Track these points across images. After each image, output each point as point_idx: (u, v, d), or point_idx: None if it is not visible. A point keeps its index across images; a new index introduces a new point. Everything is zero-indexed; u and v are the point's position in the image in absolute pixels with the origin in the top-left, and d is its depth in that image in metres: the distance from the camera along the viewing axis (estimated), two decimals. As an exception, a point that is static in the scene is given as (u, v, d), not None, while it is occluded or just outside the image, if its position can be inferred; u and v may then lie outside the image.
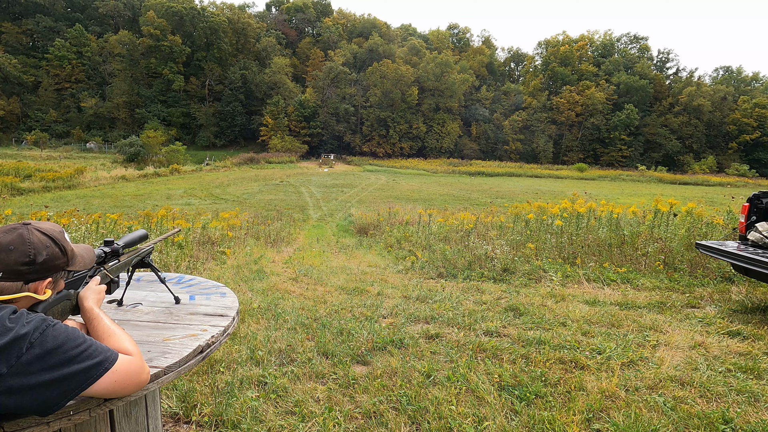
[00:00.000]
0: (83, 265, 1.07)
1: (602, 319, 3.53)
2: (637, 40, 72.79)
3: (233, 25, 62.96)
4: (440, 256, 6.13)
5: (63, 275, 1.04)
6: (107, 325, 1.02)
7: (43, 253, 0.95)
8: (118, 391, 0.90)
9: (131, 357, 0.94)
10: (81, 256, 1.07)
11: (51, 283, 0.99)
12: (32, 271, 0.93)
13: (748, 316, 3.58)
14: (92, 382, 0.86)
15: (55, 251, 0.98)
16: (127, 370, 0.91)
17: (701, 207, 6.97)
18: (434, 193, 24.85)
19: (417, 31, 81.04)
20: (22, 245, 0.93)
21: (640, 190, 30.93)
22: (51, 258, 0.97)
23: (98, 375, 0.87)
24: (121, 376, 0.90)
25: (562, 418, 2.08)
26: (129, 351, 0.96)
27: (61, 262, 1.00)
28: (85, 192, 21.33)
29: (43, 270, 0.96)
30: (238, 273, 5.56)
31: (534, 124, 63.33)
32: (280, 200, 20.32)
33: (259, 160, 43.57)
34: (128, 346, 0.97)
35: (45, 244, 0.96)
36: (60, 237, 1.01)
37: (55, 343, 0.84)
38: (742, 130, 60.37)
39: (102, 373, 0.87)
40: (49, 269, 0.97)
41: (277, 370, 2.61)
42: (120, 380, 0.89)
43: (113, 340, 0.98)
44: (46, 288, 0.98)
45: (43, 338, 0.83)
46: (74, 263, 1.04)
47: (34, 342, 0.82)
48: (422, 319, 3.62)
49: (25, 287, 0.93)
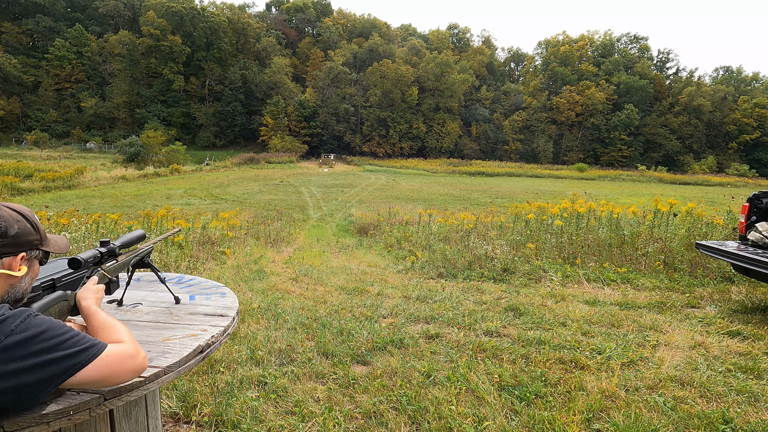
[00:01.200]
0: (57, 247, 1.06)
1: (602, 319, 3.53)
2: (637, 40, 72.80)
3: (233, 25, 62.97)
4: (440, 256, 6.13)
5: (38, 255, 1.01)
6: (103, 318, 1.02)
7: (14, 227, 0.93)
8: (112, 377, 0.88)
9: (124, 344, 0.93)
10: (54, 239, 1.07)
11: (25, 260, 0.97)
12: (5, 245, 0.91)
13: (748, 316, 3.58)
14: (78, 369, 0.83)
15: (27, 227, 0.97)
16: (118, 355, 0.89)
17: (701, 207, 6.97)
18: (434, 193, 24.86)
19: (417, 31, 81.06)
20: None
21: (640, 190, 30.94)
22: (23, 232, 0.95)
23: (85, 361, 0.84)
24: (112, 360, 0.88)
25: (562, 418, 2.08)
26: (121, 339, 0.95)
27: (34, 239, 0.98)
28: (85, 192, 21.33)
29: (16, 244, 0.94)
30: (238, 273, 5.56)
31: (534, 124, 63.32)
32: (280, 200, 20.32)
33: (259, 160, 43.57)
34: (122, 336, 0.96)
35: (15, 218, 0.95)
36: (30, 215, 0.99)
37: (38, 330, 0.82)
38: (742, 130, 60.38)
39: (89, 359, 0.85)
40: (21, 244, 0.95)
41: (277, 370, 2.61)
42: (112, 365, 0.87)
43: (107, 332, 0.97)
44: (20, 265, 0.95)
45: (24, 325, 0.81)
46: (47, 243, 1.03)
47: (15, 329, 0.80)
48: (422, 319, 3.62)
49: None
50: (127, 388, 0.96)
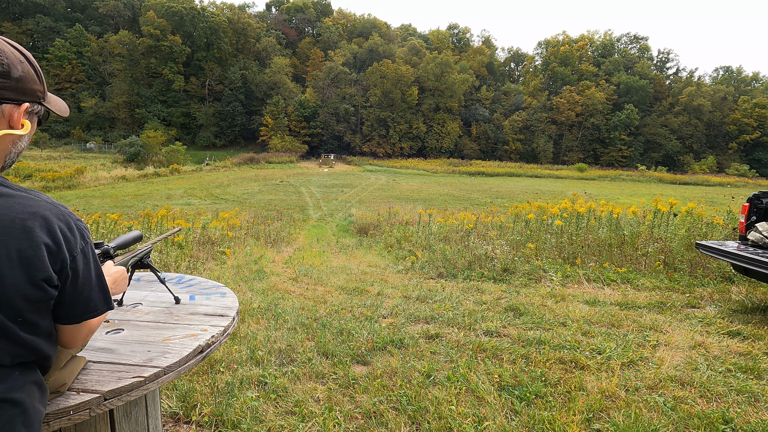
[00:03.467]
0: (58, 108, 0.94)
1: (602, 319, 3.53)
2: (637, 40, 72.81)
3: (233, 25, 62.96)
4: (440, 256, 6.13)
5: (39, 111, 0.88)
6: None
7: (18, 68, 0.80)
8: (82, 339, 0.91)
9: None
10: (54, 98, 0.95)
11: (28, 114, 0.84)
12: (7, 87, 0.78)
13: (748, 316, 3.58)
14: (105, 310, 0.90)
15: (31, 72, 0.83)
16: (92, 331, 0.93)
17: (701, 207, 6.97)
18: (434, 193, 24.85)
19: (417, 31, 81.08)
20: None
21: (640, 190, 30.94)
22: (27, 77, 0.82)
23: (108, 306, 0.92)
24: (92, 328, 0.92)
25: (562, 418, 2.08)
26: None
27: (37, 88, 0.85)
28: (85, 192, 21.33)
29: (20, 90, 0.81)
30: (238, 273, 5.56)
31: (534, 124, 63.31)
32: (280, 200, 20.32)
33: (259, 160, 43.56)
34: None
35: (19, 58, 0.81)
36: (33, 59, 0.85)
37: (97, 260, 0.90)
38: (742, 130, 60.37)
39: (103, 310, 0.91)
40: (25, 91, 0.82)
41: (277, 370, 2.61)
42: (86, 334, 0.91)
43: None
44: (23, 119, 0.83)
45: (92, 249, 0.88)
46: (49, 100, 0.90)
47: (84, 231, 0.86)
48: (422, 319, 3.62)
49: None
50: (127, 388, 0.96)
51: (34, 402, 0.78)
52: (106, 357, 1.08)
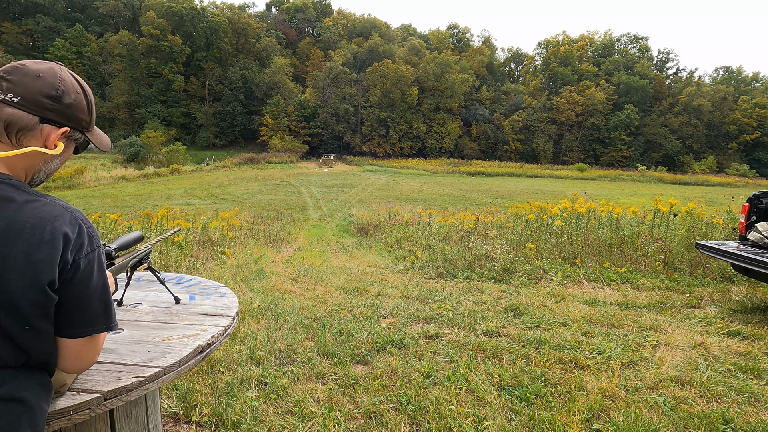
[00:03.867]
0: (100, 143, 0.98)
1: (602, 319, 3.53)
2: (637, 40, 72.81)
3: (233, 25, 62.96)
4: (440, 256, 6.13)
5: (78, 139, 0.93)
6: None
7: (71, 95, 0.86)
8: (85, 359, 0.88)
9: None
10: (100, 133, 0.99)
11: (65, 138, 0.89)
12: (54, 109, 0.84)
13: (748, 316, 3.58)
14: (104, 328, 0.88)
15: (82, 102, 0.89)
16: (100, 345, 0.91)
17: (701, 207, 6.97)
18: (434, 193, 24.85)
19: (417, 31, 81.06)
20: (51, 77, 0.84)
21: (640, 190, 30.93)
22: (77, 106, 0.88)
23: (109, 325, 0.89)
24: (99, 345, 0.90)
25: (562, 418, 2.08)
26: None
27: (83, 118, 0.90)
28: (85, 192, 21.33)
29: (65, 115, 0.86)
30: (238, 273, 5.56)
31: (534, 124, 63.30)
32: (280, 200, 20.32)
33: (259, 160, 43.56)
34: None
35: (75, 89, 0.88)
36: (90, 93, 0.92)
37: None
38: (742, 130, 60.36)
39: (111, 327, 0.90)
40: (71, 117, 0.87)
41: (277, 370, 2.61)
42: (95, 349, 0.89)
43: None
44: (58, 140, 0.86)
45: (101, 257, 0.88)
46: (93, 133, 0.95)
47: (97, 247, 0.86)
48: (422, 319, 3.62)
49: (39, 126, 0.83)
50: (127, 388, 0.96)
51: (40, 401, 0.79)
52: (106, 357, 1.08)
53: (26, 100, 0.82)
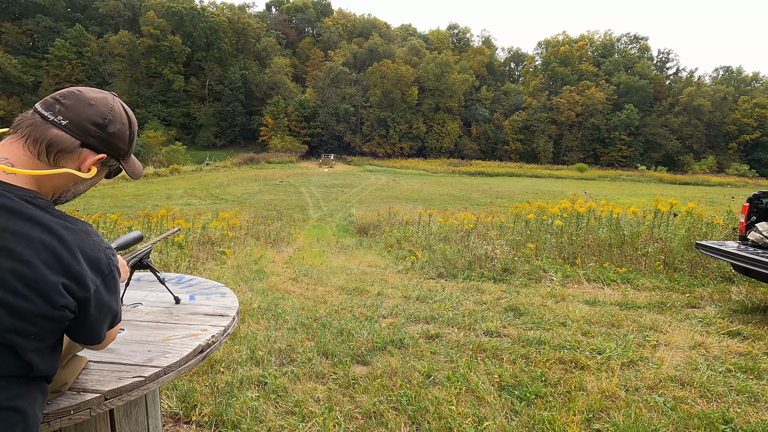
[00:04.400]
0: (132, 172, 1.01)
1: (602, 319, 3.53)
2: (637, 40, 72.80)
3: (233, 25, 62.97)
4: (440, 256, 6.13)
5: (112, 166, 0.95)
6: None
7: (116, 125, 0.89)
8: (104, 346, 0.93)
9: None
10: (134, 161, 1.02)
11: (100, 163, 0.91)
12: (96, 136, 0.87)
13: (748, 316, 3.58)
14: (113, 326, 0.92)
15: (126, 132, 0.93)
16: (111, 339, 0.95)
17: (701, 207, 6.97)
18: (434, 193, 24.85)
19: (417, 31, 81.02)
20: (103, 106, 0.88)
21: (640, 190, 30.93)
22: (120, 135, 0.91)
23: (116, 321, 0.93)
24: (109, 340, 0.94)
25: (562, 418, 2.08)
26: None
27: (122, 147, 0.93)
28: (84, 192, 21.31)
29: (106, 143, 0.89)
30: (238, 273, 5.56)
31: (534, 124, 63.30)
32: (280, 200, 20.32)
33: (259, 160, 43.56)
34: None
35: (122, 120, 0.91)
36: (135, 126, 0.95)
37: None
38: (742, 130, 60.35)
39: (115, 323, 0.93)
40: (110, 146, 0.90)
41: (277, 370, 2.61)
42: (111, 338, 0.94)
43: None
44: (92, 165, 0.88)
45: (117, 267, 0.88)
46: (128, 162, 0.98)
47: (113, 269, 0.86)
48: (422, 319, 3.62)
49: (78, 150, 0.85)
50: (127, 388, 0.96)
51: (35, 409, 0.79)
52: (107, 357, 1.08)
53: (73, 124, 0.84)
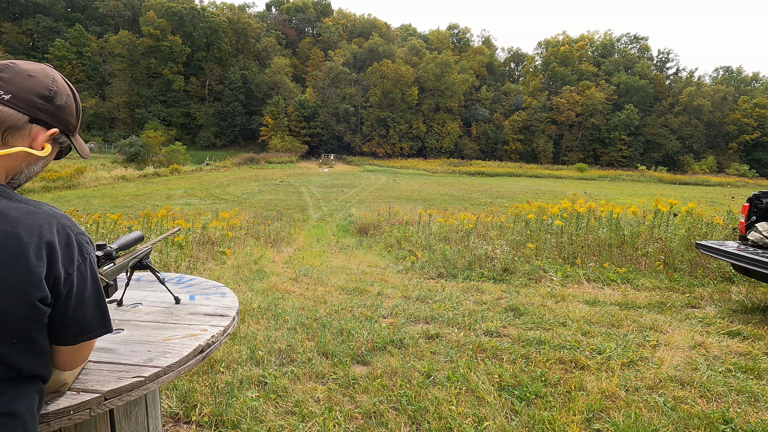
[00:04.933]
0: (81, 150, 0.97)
1: (602, 319, 3.53)
2: (637, 40, 72.82)
3: (233, 25, 62.99)
4: (440, 256, 6.13)
5: (63, 142, 0.91)
6: None
7: (63, 97, 0.86)
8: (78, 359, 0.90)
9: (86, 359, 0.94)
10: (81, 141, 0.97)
11: (52, 140, 0.87)
12: (45, 110, 0.82)
13: (748, 316, 3.58)
14: (102, 332, 0.88)
15: (72, 105, 0.89)
16: (89, 350, 0.92)
17: (701, 207, 6.97)
18: (434, 193, 24.85)
19: (417, 31, 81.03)
20: (44, 77, 0.83)
21: (640, 190, 30.93)
22: (67, 108, 0.87)
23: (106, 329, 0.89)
24: (92, 345, 0.91)
25: (562, 418, 2.08)
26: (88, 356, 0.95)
27: (72, 121, 0.89)
28: (85, 192, 21.33)
29: (56, 117, 0.85)
30: (238, 273, 5.56)
31: (534, 124, 63.31)
32: (280, 200, 20.32)
33: (259, 160, 43.57)
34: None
35: (67, 91, 0.88)
36: (78, 99, 0.92)
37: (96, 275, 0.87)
38: (742, 130, 60.37)
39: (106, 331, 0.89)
40: (60, 120, 0.86)
41: (277, 370, 2.61)
42: (89, 349, 0.91)
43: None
44: (45, 142, 0.84)
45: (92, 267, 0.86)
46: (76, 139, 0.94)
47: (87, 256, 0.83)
48: (422, 319, 3.62)
49: (28, 126, 0.81)
50: (127, 388, 0.96)
51: (32, 410, 0.78)
52: (107, 357, 1.08)
53: (17, 98, 0.79)
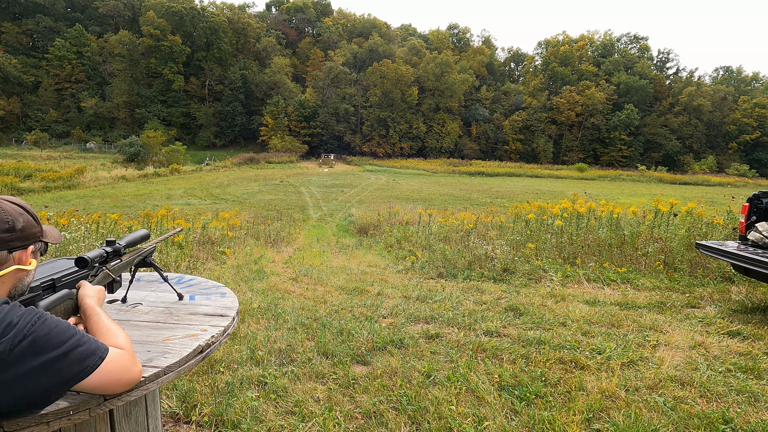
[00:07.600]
0: (53, 238, 1.08)
1: (602, 319, 3.53)
2: (637, 40, 72.80)
3: (233, 25, 62.96)
4: (440, 256, 6.13)
5: (40, 247, 1.04)
6: (104, 321, 1.01)
7: (20, 220, 0.95)
8: (110, 386, 0.89)
9: (123, 351, 0.93)
10: (48, 229, 1.08)
11: (33, 253, 1.00)
12: (15, 239, 0.93)
13: (748, 316, 3.58)
14: (88, 373, 0.85)
15: (30, 219, 0.99)
16: (117, 365, 0.89)
17: (701, 207, 6.97)
18: (434, 193, 24.85)
19: (417, 31, 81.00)
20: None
21: (640, 190, 30.93)
22: (28, 225, 0.97)
23: (93, 366, 0.85)
24: (112, 368, 0.88)
25: (562, 418, 2.08)
26: (121, 346, 0.95)
27: (37, 230, 1.00)
28: (85, 192, 21.32)
29: (24, 237, 0.96)
30: (238, 273, 5.56)
31: (534, 124, 63.30)
32: (280, 200, 20.31)
33: (259, 160, 43.56)
34: (122, 341, 0.96)
35: (18, 211, 0.96)
36: (28, 207, 1.01)
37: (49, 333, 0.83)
38: (742, 130, 60.37)
39: (96, 364, 0.86)
40: (28, 237, 0.97)
41: (277, 370, 2.61)
42: (112, 373, 0.88)
43: (108, 335, 0.97)
44: (30, 258, 0.98)
45: (37, 328, 0.82)
46: (45, 234, 1.05)
47: (27, 333, 0.80)
48: (422, 319, 3.62)
49: (9, 257, 0.92)
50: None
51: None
52: (106, 357, 1.08)
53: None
